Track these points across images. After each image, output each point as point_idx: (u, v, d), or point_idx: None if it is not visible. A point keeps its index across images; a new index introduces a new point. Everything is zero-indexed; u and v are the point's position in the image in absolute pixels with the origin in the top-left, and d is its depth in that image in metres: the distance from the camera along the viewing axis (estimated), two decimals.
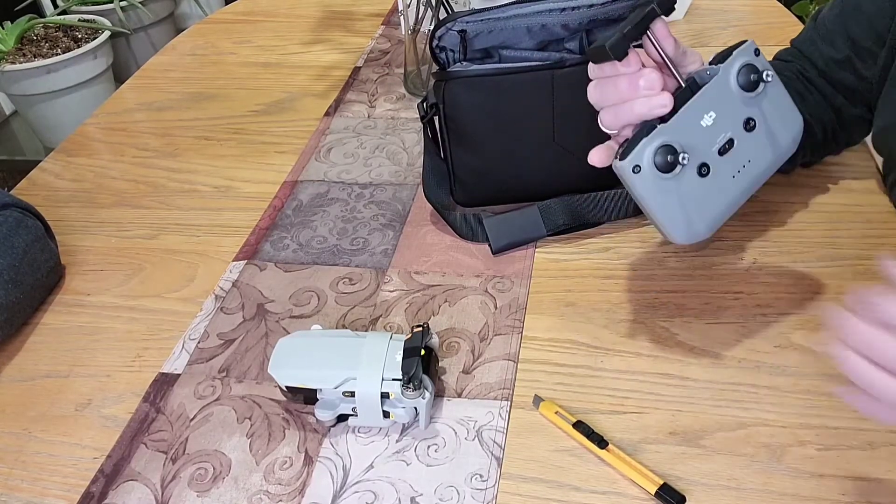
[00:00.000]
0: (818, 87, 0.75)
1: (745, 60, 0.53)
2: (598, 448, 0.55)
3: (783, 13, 1.20)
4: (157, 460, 0.58)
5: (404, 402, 0.57)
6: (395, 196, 0.85)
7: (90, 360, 0.68)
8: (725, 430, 0.57)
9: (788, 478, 0.53)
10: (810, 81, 0.75)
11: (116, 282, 0.76)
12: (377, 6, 1.35)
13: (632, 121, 0.50)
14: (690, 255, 0.73)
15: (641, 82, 0.49)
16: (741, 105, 0.53)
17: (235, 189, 0.89)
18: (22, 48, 2.00)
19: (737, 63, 0.52)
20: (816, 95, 0.75)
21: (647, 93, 0.49)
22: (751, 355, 0.62)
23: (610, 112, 0.51)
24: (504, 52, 0.75)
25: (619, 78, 0.50)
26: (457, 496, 0.54)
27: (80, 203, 0.89)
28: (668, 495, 0.52)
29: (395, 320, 0.69)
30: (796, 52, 0.78)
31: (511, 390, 0.61)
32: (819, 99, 0.74)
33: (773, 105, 0.54)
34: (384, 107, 1.03)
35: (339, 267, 0.76)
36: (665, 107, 0.49)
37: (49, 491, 0.57)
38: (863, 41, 0.70)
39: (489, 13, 0.71)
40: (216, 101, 1.08)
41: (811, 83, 0.75)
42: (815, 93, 0.75)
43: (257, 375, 0.65)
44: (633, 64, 0.49)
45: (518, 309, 0.69)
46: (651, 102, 0.49)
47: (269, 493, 0.55)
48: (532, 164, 0.77)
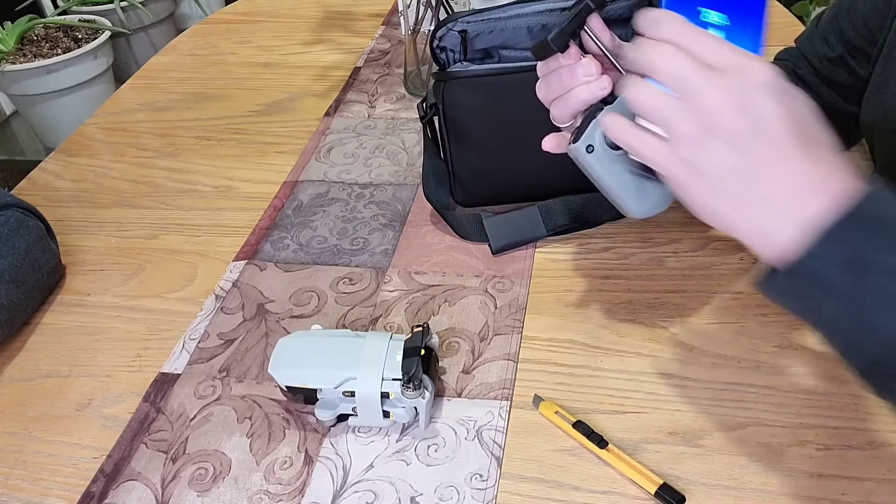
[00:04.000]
0: (810, 85, 0.75)
1: None
2: (597, 448, 0.55)
3: (783, 13, 1.20)
4: (158, 460, 0.58)
5: (404, 401, 0.57)
6: (395, 196, 0.85)
7: (90, 360, 0.68)
8: (725, 430, 0.57)
9: (788, 478, 0.53)
10: (801, 79, 0.76)
11: (116, 282, 0.76)
12: (377, 6, 1.35)
13: (578, 108, 0.53)
14: (690, 255, 0.73)
15: (580, 70, 0.51)
16: None
17: (235, 189, 0.89)
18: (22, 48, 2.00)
19: None
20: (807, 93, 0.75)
21: (587, 79, 0.51)
22: (751, 355, 0.62)
23: (558, 104, 0.54)
24: (504, 52, 0.75)
25: (561, 70, 0.52)
26: (457, 496, 0.54)
27: (80, 203, 0.89)
28: (667, 495, 0.52)
29: (395, 320, 0.69)
30: (795, 51, 0.78)
31: (511, 390, 0.61)
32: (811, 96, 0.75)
33: None
34: (384, 107, 1.03)
35: (339, 267, 0.76)
36: (605, 89, 0.51)
37: (49, 491, 0.57)
38: (856, 40, 0.70)
39: (490, 13, 0.71)
40: (216, 102, 1.08)
41: (802, 80, 0.76)
42: (805, 91, 0.75)
43: (257, 375, 0.65)
44: (574, 56, 0.52)
45: (518, 309, 0.69)
46: (591, 87, 0.51)
47: (269, 493, 0.55)
48: (532, 164, 0.77)
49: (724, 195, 0.41)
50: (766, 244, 0.41)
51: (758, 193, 0.40)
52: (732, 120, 0.40)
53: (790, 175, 0.40)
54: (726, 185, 0.41)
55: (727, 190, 0.41)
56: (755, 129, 0.40)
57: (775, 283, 0.41)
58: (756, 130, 0.40)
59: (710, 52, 0.41)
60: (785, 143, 0.40)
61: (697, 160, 0.42)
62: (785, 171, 0.40)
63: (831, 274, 0.38)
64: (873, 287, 0.38)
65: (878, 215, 0.38)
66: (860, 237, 0.38)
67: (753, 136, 0.40)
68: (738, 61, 0.41)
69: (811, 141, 0.40)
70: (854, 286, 0.38)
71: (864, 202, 0.38)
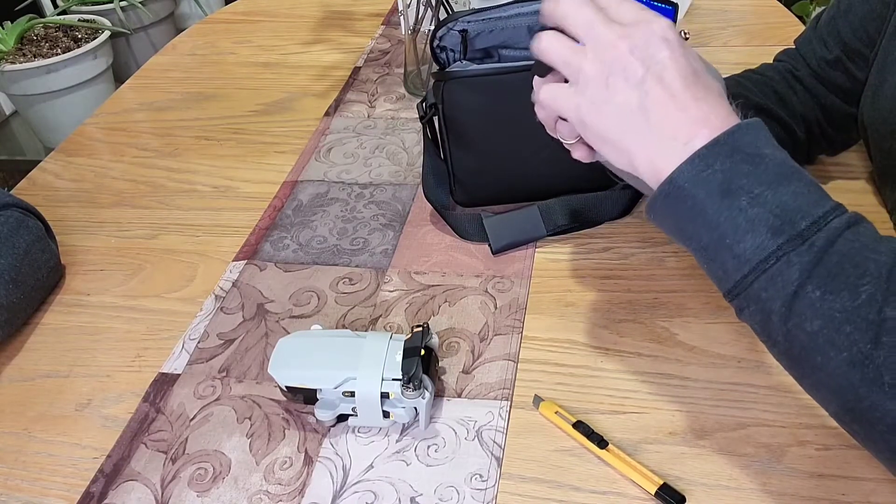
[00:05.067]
0: (807, 87, 0.75)
1: None
2: (598, 448, 0.55)
3: (783, 13, 1.20)
4: (157, 460, 0.58)
5: (404, 402, 0.57)
6: (395, 196, 0.85)
7: (90, 360, 0.68)
8: (725, 430, 0.57)
9: (788, 478, 0.53)
10: (799, 81, 0.76)
11: (116, 282, 0.76)
12: (377, 6, 1.35)
13: None
14: (690, 255, 0.73)
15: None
16: None
17: (235, 189, 0.89)
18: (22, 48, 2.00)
19: None
20: (802, 95, 0.75)
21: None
22: (751, 355, 0.62)
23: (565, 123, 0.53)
24: (504, 51, 0.75)
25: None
26: (457, 496, 0.54)
27: (80, 203, 0.89)
28: (668, 495, 0.52)
29: (395, 320, 0.69)
30: (794, 52, 0.78)
31: (511, 390, 0.61)
32: (805, 98, 0.75)
33: None
34: (384, 107, 1.03)
35: (339, 267, 0.76)
36: None
37: (49, 491, 0.57)
38: (853, 42, 0.70)
39: (491, 12, 0.71)
40: (216, 101, 1.08)
41: (800, 82, 0.76)
42: (802, 92, 0.75)
43: (257, 375, 0.65)
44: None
45: (518, 309, 0.69)
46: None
47: (269, 493, 0.55)
48: (532, 164, 0.77)
49: (624, 129, 0.46)
50: (657, 172, 0.45)
51: (651, 126, 0.45)
52: (632, 62, 0.45)
53: (678, 110, 0.45)
54: (626, 120, 0.46)
55: (626, 124, 0.46)
56: (651, 71, 0.45)
57: (657, 207, 0.46)
58: (652, 73, 0.45)
59: (615, 6, 0.47)
60: (676, 84, 0.45)
61: (600, 98, 0.46)
62: (674, 107, 0.45)
63: (699, 195, 0.43)
64: (734, 209, 0.42)
65: (742, 144, 0.43)
66: (725, 163, 0.43)
67: (650, 77, 0.45)
68: (639, 15, 0.47)
69: (699, 86, 0.45)
70: (718, 207, 0.43)
71: (733, 133, 0.43)
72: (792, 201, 0.42)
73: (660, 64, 0.45)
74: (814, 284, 0.40)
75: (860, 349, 0.39)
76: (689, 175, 0.43)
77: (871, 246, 0.40)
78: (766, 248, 0.42)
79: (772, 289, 0.42)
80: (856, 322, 0.39)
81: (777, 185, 0.42)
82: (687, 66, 0.45)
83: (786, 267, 0.41)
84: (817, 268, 0.40)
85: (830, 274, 0.40)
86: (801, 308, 0.41)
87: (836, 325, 0.40)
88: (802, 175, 0.43)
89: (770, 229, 0.41)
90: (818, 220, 0.41)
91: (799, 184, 0.42)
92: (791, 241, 0.41)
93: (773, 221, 0.41)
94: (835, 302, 0.40)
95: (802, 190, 0.42)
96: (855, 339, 0.39)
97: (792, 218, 0.41)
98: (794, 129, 0.74)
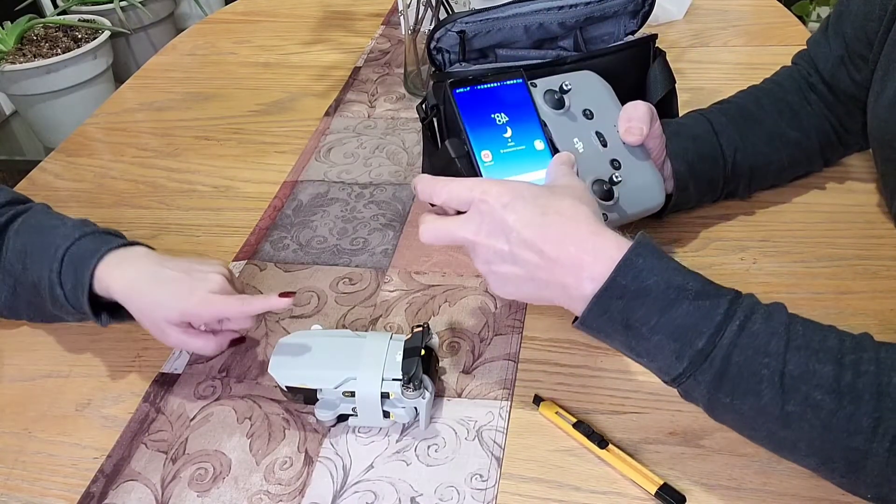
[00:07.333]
0: (820, 94, 0.75)
1: (545, 87, 0.65)
2: (598, 448, 0.55)
3: (783, 13, 1.20)
4: (157, 460, 0.58)
5: (404, 402, 0.57)
6: (395, 196, 0.85)
7: (90, 360, 0.68)
8: (725, 430, 0.56)
9: (788, 478, 0.53)
10: (812, 88, 0.75)
11: None
12: (377, 6, 1.35)
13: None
14: (690, 255, 0.73)
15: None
16: (576, 124, 0.66)
17: (235, 189, 0.89)
18: (22, 48, 2.00)
19: (538, 94, 0.65)
20: (816, 105, 0.75)
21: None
22: None
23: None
24: (500, 51, 0.75)
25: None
26: (457, 496, 0.54)
27: (80, 203, 0.89)
28: (668, 495, 0.52)
29: (395, 320, 0.69)
30: (807, 55, 0.77)
31: (511, 390, 0.61)
32: (819, 108, 0.75)
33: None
34: (384, 107, 1.03)
35: (339, 267, 0.76)
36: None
37: (49, 491, 0.57)
38: (853, 43, 0.70)
39: (489, 13, 0.71)
40: (216, 101, 1.08)
41: (813, 90, 0.75)
42: (816, 101, 0.75)
43: (257, 375, 0.65)
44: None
45: (518, 309, 0.69)
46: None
47: (269, 493, 0.55)
48: None
49: (526, 291, 0.52)
50: (574, 311, 0.51)
51: (547, 284, 0.50)
52: (496, 244, 0.51)
53: (555, 266, 0.49)
54: (523, 286, 0.52)
55: (525, 288, 0.52)
56: (511, 240, 0.50)
57: (582, 330, 0.51)
58: (513, 242, 0.50)
59: (452, 198, 0.53)
60: (537, 239, 0.49)
61: (499, 281, 0.53)
62: (550, 264, 0.49)
63: (608, 330, 0.50)
64: (640, 338, 0.48)
65: (627, 283, 0.47)
66: (618, 304, 0.48)
67: (515, 247, 0.50)
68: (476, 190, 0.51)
69: (555, 225, 0.50)
70: (627, 338, 0.49)
71: (615, 278, 0.48)
72: (685, 320, 0.47)
73: (514, 231, 0.50)
74: (723, 393, 0.46)
75: (775, 433, 0.47)
76: (593, 318, 0.49)
77: (763, 350, 0.45)
78: (675, 370, 0.48)
79: (692, 395, 0.49)
80: (765, 416, 0.46)
81: (668, 309, 0.47)
82: (535, 211, 0.50)
83: (695, 384, 0.47)
84: (722, 381, 0.46)
85: (734, 383, 0.46)
86: (719, 410, 0.48)
87: (750, 420, 0.47)
88: (688, 290, 0.47)
89: (673, 354, 0.47)
90: (712, 336, 0.46)
91: (686, 302, 0.47)
92: (693, 363, 0.47)
93: (674, 346, 0.47)
94: (743, 405, 0.46)
95: (691, 309, 0.47)
96: (770, 428, 0.47)
97: (690, 339, 0.46)
98: (807, 145, 0.75)
